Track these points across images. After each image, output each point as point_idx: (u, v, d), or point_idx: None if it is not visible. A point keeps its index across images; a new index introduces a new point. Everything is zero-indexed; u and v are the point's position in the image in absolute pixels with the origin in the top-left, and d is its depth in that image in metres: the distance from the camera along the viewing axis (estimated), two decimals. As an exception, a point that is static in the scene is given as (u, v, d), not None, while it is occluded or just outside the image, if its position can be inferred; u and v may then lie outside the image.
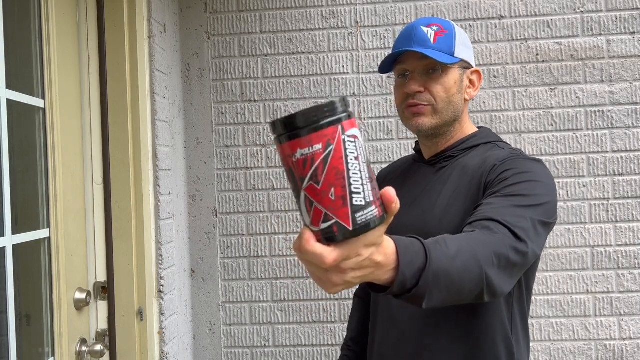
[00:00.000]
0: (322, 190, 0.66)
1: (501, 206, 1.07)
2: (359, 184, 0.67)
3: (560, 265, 2.06)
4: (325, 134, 0.65)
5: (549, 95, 2.07)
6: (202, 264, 2.16)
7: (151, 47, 1.80)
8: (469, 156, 1.29)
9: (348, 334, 1.55)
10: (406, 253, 0.80)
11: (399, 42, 1.33)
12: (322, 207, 0.66)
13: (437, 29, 1.29)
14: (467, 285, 0.91)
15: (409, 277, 0.81)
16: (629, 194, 2.05)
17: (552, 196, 1.15)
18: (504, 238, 1.00)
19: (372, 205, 0.68)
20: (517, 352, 1.24)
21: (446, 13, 2.09)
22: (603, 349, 2.05)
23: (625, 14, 2.05)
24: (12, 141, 1.30)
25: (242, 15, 2.15)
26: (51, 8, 1.44)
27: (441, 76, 1.28)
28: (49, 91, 1.43)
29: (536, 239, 1.06)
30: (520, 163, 1.19)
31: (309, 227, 0.68)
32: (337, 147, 0.65)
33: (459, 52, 1.30)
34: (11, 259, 1.28)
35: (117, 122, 1.65)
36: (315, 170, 0.65)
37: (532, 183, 1.14)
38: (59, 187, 1.44)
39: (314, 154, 0.65)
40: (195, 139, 2.16)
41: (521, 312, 1.26)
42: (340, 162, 0.66)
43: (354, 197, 0.66)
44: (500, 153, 1.25)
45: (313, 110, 0.65)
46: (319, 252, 0.67)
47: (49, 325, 1.43)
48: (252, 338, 2.15)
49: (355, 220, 0.67)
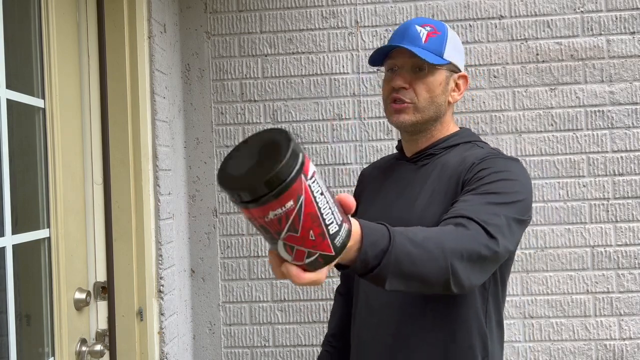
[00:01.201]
0: (301, 237, 0.68)
1: (476, 203, 1.10)
2: (330, 216, 0.70)
3: (560, 265, 2.06)
4: (295, 189, 0.65)
5: (549, 95, 2.07)
6: (202, 264, 2.16)
7: (151, 47, 1.80)
8: (449, 155, 1.32)
9: (329, 330, 1.58)
10: (370, 234, 0.85)
11: (392, 38, 1.37)
12: (304, 248, 0.69)
13: (430, 29, 1.33)
14: (430, 273, 0.95)
15: (371, 257, 0.85)
16: (629, 194, 2.05)
17: (527, 194, 1.19)
18: (476, 235, 1.03)
19: (343, 224, 0.72)
20: (491, 345, 1.27)
21: (446, 13, 2.09)
22: (603, 349, 2.05)
23: (625, 14, 2.05)
24: (12, 141, 1.30)
25: (242, 15, 2.15)
26: (51, 8, 1.44)
27: (427, 75, 1.31)
28: (49, 91, 1.43)
29: (509, 236, 1.09)
30: (498, 162, 1.22)
31: (294, 263, 0.71)
32: (306, 197, 0.67)
33: (449, 55, 1.33)
34: (11, 259, 1.28)
35: (117, 122, 1.65)
36: (292, 223, 0.67)
37: (508, 181, 1.17)
38: (59, 187, 1.44)
39: (288, 211, 0.66)
40: (195, 139, 2.16)
41: (496, 306, 1.29)
42: (311, 206, 0.67)
43: (330, 228, 0.70)
44: (478, 152, 1.28)
45: (276, 172, 0.63)
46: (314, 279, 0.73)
47: (49, 325, 1.43)
48: (252, 338, 2.15)
49: (335, 245, 0.71)
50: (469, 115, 2.08)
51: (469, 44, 2.08)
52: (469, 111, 2.08)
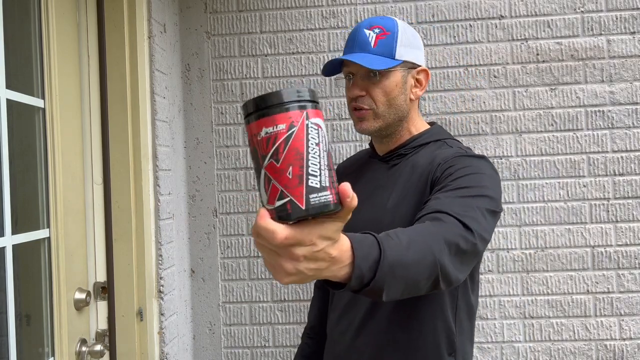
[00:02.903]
0: (280, 168, 0.69)
1: (448, 198, 1.12)
2: (316, 168, 0.69)
3: (560, 265, 2.06)
4: (290, 115, 0.69)
5: (549, 95, 2.07)
6: (202, 264, 2.16)
7: (151, 47, 1.80)
8: (419, 154, 1.34)
9: (308, 322, 1.64)
10: (360, 247, 0.82)
11: (345, 45, 1.37)
12: (278, 185, 0.69)
13: (379, 31, 1.32)
14: (422, 273, 0.93)
15: (366, 271, 0.82)
16: (629, 194, 2.04)
17: (496, 188, 1.21)
18: (452, 227, 1.03)
19: (327, 190, 0.70)
20: (459, 341, 1.29)
21: (446, 13, 2.09)
22: (603, 349, 2.05)
23: (625, 14, 2.04)
24: (12, 141, 1.30)
25: (242, 15, 2.15)
26: (51, 8, 1.44)
27: (381, 80, 1.31)
28: (49, 91, 1.43)
29: (485, 226, 1.10)
30: (465, 160, 1.24)
31: (265, 206, 0.71)
32: (299, 130, 0.69)
33: (401, 54, 1.32)
34: (11, 259, 1.28)
35: (117, 122, 1.65)
36: (277, 148, 0.69)
37: (477, 175, 1.19)
38: (59, 187, 1.44)
39: (277, 133, 0.69)
40: (195, 139, 2.16)
41: (466, 302, 1.30)
42: (301, 143, 0.69)
43: (310, 179, 0.69)
44: (447, 151, 1.30)
45: (282, 92, 0.70)
46: (271, 227, 0.69)
47: (49, 326, 1.43)
48: (252, 338, 2.15)
49: (309, 201, 0.69)
50: (469, 115, 2.08)
51: (469, 44, 2.08)
52: (469, 111, 2.08)
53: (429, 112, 2.09)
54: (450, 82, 2.09)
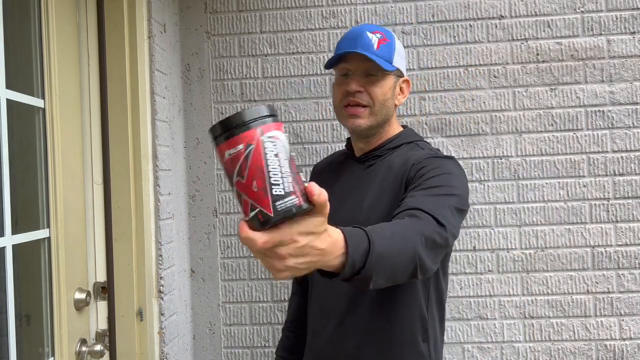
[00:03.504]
0: (246, 184, 0.76)
1: (422, 197, 1.22)
2: (278, 177, 0.76)
3: (560, 265, 2.06)
4: (245, 136, 0.76)
5: (549, 95, 2.07)
6: (202, 264, 2.16)
7: (151, 47, 1.80)
8: (393, 155, 1.44)
9: (288, 316, 1.72)
10: (352, 238, 0.90)
11: (344, 43, 1.44)
12: (248, 198, 0.77)
13: (381, 36, 1.42)
14: (403, 264, 1.03)
15: (357, 260, 0.90)
16: (630, 194, 2.04)
17: (464, 187, 1.32)
18: (428, 223, 1.13)
19: (291, 195, 0.77)
20: (431, 328, 1.40)
21: (446, 13, 2.08)
22: (603, 349, 2.05)
23: (625, 14, 2.04)
24: (12, 141, 1.30)
25: (242, 15, 2.15)
26: (51, 8, 1.44)
27: (379, 80, 1.41)
28: (49, 91, 1.43)
29: (454, 223, 1.20)
30: (436, 161, 1.35)
31: (244, 219, 0.79)
32: (256, 147, 0.76)
33: (396, 62, 1.44)
34: (11, 259, 1.28)
35: (117, 122, 1.65)
36: (240, 166, 0.76)
37: (447, 176, 1.30)
38: (59, 187, 1.44)
39: (238, 153, 0.76)
40: (195, 139, 2.16)
41: (437, 292, 1.41)
42: (259, 159, 0.76)
43: (274, 188, 0.76)
44: (419, 153, 1.41)
45: (235, 116, 0.77)
46: (251, 236, 0.77)
47: (49, 326, 1.43)
48: (252, 338, 2.15)
49: (276, 208, 0.76)
50: (469, 115, 2.08)
51: (469, 44, 2.08)
52: (469, 111, 2.08)
53: (429, 112, 2.09)
54: (450, 82, 2.09)
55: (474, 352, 2.08)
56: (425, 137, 2.08)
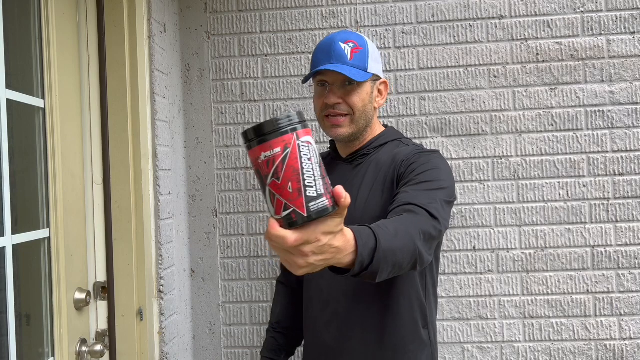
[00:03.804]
0: (282, 185, 0.81)
1: (415, 192, 1.31)
2: (311, 180, 0.82)
3: (560, 265, 2.06)
4: (283, 139, 0.82)
5: (549, 95, 2.07)
6: (202, 264, 2.16)
7: (151, 47, 1.80)
8: (380, 153, 1.52)
9: (273, 317, 1.76)
10: (361, 237, 0.97)
11: (318, 55, 1.50)
12: (282, 199, 0.82)
13: (353, 45, 1.47)
14: (406, 258, 1.11)
15: (366, 257, 0.98)
16: (629, 194, 2.04)
17: (451, 180, 1.41)
18: (424, 218, 1.22)
19: (323, 197, 0.83)
20: (430, 315, 1.49)
21: (446, 13, 2.08)
22: (603, 349, 2.05)
23: (625, 14, 2.04)
24: (12, 141, 1.30)
25: (242, 15, 2.15)
26: (51, 8, 1.44)
27: (356, 89, 1.47)
28: (49, 91, 1.43)
29: (444, 215, 1.30)
30: (423, 157, 1.42)
31: (274, 217, 0.84)
32: (292, 150, 0.81)
33: (371, 68, 1.49)
34: (11, 259, 1.28)
35: (117, 122, 1.65)
36: (276, 168, 0.81)
37: (435, 171, 1.38)
38: (59, 187, 1.44)
39: (274, 155, 0.81)
40: (195, 139, 2.16)
41: (432, 280, 1.51)
42: (295, 161, 0.81)
43: (308, 190, 0.82)
44: (406, 149, 1.48)
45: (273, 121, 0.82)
46: (282, 234, 0.82)
47: (49, 325, 1.43)
48: (252, 338, 2.15)
49: (309, 208, 0.82)
50: (469, 115, 2.08)
51: (469, 44, 2.08)
52: (469, 111, 2.08)
53: (429, 112, 2.09)
54: (450, 82, 2.09)
55: (474, 352, 2.08)
56: (425, 137, 2.08)
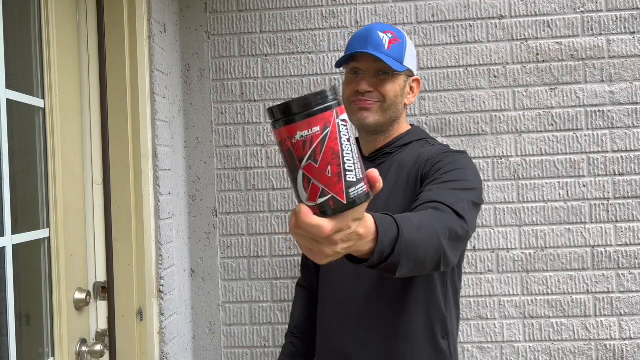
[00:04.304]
0: (319, 169, 0.72)
1: (441, 190, 1.23)
2: (351, 163, 0.74)
3: (560, 265, 2.06)
4: (323, 117, 0.72)
5: (549, 95, 2.07)
6: (202, 264, 2.16)
7: (151, 47, 1.80)
8: (403, 153, 1.45)
9: (292, 321, 1.69)
10: (382, 224, 0.90)
11: (355, 42, 1.44)
12: (319, 184, 0.73)
13: (392, 36, 1.43)
14: (429, 254, 1.03)
15: (387, 246, 0.90)
16: (629, 194, 2.04)
17: (479, 182, 1.33)
18: (450, 216, 1.14)
19: (362, 182, 0.75)
20: (450, 325, 1.41)
21: (446, 13, 2.08)
22: (603, 349, 2.05)
23: (625, 14, 2.04)
24: (12, 141, 1.30)
25: (242, 15, 2.15)
26: (51, 8, 1.44)
27: (390, 80, 1.42)
28: (49, 91, 1.43)
29: (471, 217, 1.21)
30: (449, 156, 1.35)
31: (306, 203, 0.74)
32: (332, 130, 0.73)
33: (407, 62, 1.44)
34: (11, 259, 1.28)
35: (117, 122, 1.65)
36: (314, 150, 0.72)
37: (462, 171, 1.30)
38: (59, 187, 1.44)
39: (313, 135, 0.72)
40: (195, 139, 2.16)
41: (453, 288, 1.43)
42: (335, 142, 0.73)
43: (348, 174, 0.74)
44: (431, 149, 1.42)
45: (311, 96, 0.72)
46: (319, 223, 0.73)
47: (49, 325, 1.43)
48: (252, 338, 2.15)
49: (349, 195, 0.74)
50: (469, 115, 2.08)
51: (469, 43, 2.08)
52: (469, 111, 2.08)
53: (429, 112, 2.09)
54: (450, 82, 2.09)
55: (474, 352, 2.08)
56: (425, 137, 2.08)
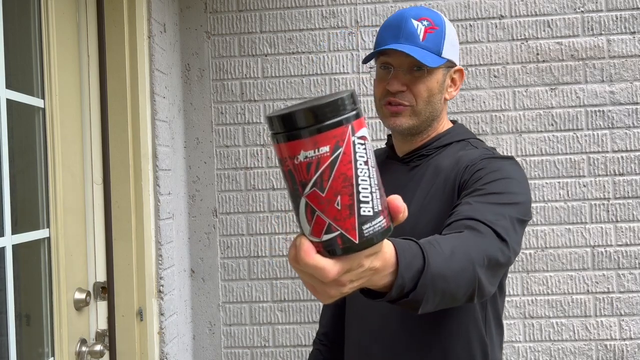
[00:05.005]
0: (326, 199, 0.58)
1: (480, 205, 1.05)
2: (367, 192, 0.59)
3: (560, 265, 2.06)
4: (334, 134, 0.56)
5: (549, 95, 2.07)
6: (202, 264, 2.16)
7: (151, 46, 1.80)
8: (441, 155, 1.26)
9: (320, 328, 1.53)
10: (404, 255, 0.75)
11: (386, 32, 1.26)
12: (325, 217, 0.58)
13: (428, 24, 1.23)
14: (461, 288, 0.88)
15: (408, 280, 0.76)
16: (630, 193, 2.04)
17: (526, 194, 1.14)
18: (491, 239, 0.98)
19: (380, 216, 0.60)
20: (491, 353, 1.24)
21: (446, 13, 2.08)
22: (603, 349, 2.05)
23: (625, 14, 2.04)
24: (12, 141, 1.30)
25: (242, 15, 2.15)
26: (51, 8, 1.44)
27: (425, 76, 1.22)
28: (49, 91, 1.43)
29: (515, 238, 1.04)
30: (493, 162, 1.17)
31: (309, 238, 0.60)
32: (346, 150, 0.57)
33: (446, 52, 1.24)
34: (11, 259, 1.28)
35: (117, 122, 1.65)
36: (321, 175, 0.57)
37: (506, 181, 1.12)
38: (59, 187, 1.44)
39: (320, 157, 0.57)
40: (195, 139, 2.16)
41: (495, 312, 1.25)
42: (349, 167, 0.57)
43: (362, 207, 0.58)
44: (473, 153, 1.22)
45: (320, 106, 0.56)
46: (322, 265, 0.60)
47: (49, 326, 1.43)
48: (252, 338, 2.15)
49: (362, 233, 0.59)
50: (469, 115, 2.08)
51: (469, 43, 2.08)
52: (469, 111, 2.08)
53: (429, 112, 2.09)
54: (450, 82, 2.09)
55: (474, 352, 2.08)
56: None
